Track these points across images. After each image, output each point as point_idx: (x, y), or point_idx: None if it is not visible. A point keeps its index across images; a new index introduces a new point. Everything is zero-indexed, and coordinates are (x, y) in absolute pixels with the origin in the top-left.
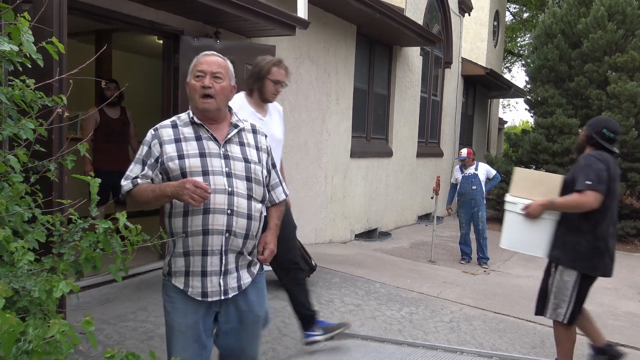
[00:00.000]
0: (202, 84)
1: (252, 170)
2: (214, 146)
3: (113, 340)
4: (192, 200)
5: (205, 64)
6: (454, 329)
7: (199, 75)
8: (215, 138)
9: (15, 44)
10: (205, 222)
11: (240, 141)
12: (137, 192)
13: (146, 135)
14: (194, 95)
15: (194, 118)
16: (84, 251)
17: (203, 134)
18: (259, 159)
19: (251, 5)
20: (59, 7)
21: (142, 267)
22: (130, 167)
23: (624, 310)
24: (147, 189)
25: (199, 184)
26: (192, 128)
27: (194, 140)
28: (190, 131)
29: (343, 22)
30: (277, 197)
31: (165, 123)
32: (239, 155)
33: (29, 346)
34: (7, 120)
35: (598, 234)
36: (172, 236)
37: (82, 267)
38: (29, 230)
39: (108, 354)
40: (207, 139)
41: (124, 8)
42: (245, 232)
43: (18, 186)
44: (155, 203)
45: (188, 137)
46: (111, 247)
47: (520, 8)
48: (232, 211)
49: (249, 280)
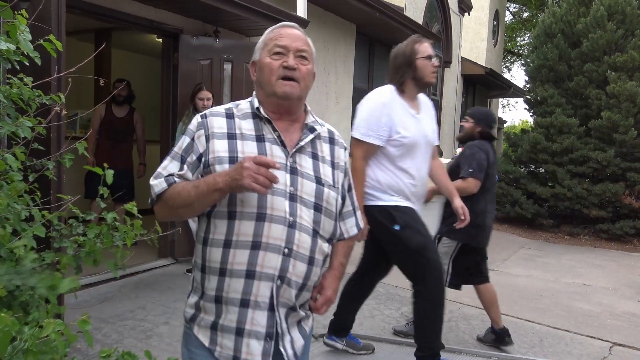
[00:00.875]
0: (284, 63)
1: (324, 197)
2: (279, 153)
3: (111, 339)
4: (255, 185)
5: (287, 38)
6: (452, 329)
7: (278, 52)
8: (283, 142)
9: (13, 42)
10: (252, 260)
11: (313, 152)
12: (174, 194)
13: (190, 122)
14: (269, 77)
15: (259, 109)
16: (87, 243)
17: (267, 133)
18: (334, 180)
19: (251, 4)
20: (57, 5)
21: (141, 266)
22: (163, 164)
23: (623, 310)
24: (187, 187)
25: (262, 160)
26: (254, 123)
27: (253, 141)
28: (250, 126)
29: (343, 21)
30: (348, 230)
31: (218, 110)
32: (310, 172)
33: (24, 345)
34: (5, 119)
35: (477, 210)
36: (204, 271)
37: (83, 261)
38: (26, 228)
39: (104, 353)
40: (272, 141)
41: (123, 7)
42: (303, 282)
43: (17, 185)
44: (198, 205)
45: (246, 134)
46: (112, 241)
47: (520, 8)
48: (289, 250)
49: (301, 344)
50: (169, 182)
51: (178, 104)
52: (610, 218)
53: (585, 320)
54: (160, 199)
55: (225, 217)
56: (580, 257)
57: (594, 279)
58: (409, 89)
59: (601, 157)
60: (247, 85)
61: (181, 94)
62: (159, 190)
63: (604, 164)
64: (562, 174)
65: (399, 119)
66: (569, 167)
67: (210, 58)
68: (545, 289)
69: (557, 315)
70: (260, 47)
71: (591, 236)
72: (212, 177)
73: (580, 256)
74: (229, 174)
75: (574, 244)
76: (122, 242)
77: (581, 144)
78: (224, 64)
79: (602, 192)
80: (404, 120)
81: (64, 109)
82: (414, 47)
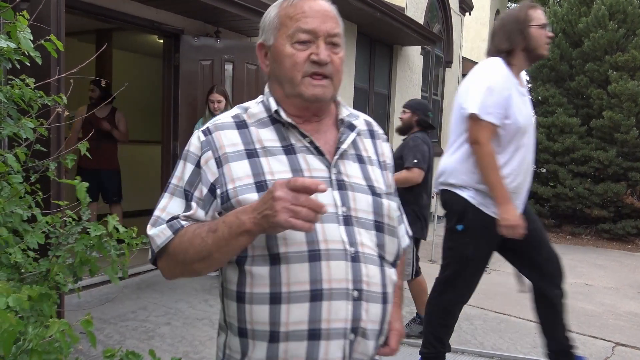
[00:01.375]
0: (313, 56)
1: (384, 211)
2: (318, 165)
3: (113, 340)
4: (296, 221)
5: (314, 18)
6: (455, 329)
7: (305, 41)
8: (319, 149)
9: (13, 42)
10: (314, 316)
11: (357, 154)
12: (183, 244)
13: (189, 142)
14: (291, 74)
15: (279, 112)
16: (79, 254)
17: (296, 141)
18: (386, 184)
19: (252, 4)
20: (56, 5)
21: (143, 266)
22: (161, 204)
23: (625, 310)
24: (201, 232)
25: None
26: (275, 130)
27: (282, 154)
28: (271, 136)
29: (344, 22)
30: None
31: (224, 120)
32: (361, 181)
33: (28, 345)
34: (7, 120)
35: (420, 203)
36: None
37: (77, 271)
38: (28, 229)
39: (108, 353)
40: (305, 150)
41: (124, 7)
42: (380, 327)
43: (17, 186)
44: (220, 255)
45: (270, 147)
46: (107, 251)
47: None
48: (359, 292)
49: None
50: (174, 229)
51: (179, 104)
52: (612, 218)
53: (588, 320)
54: (165, 253)
55: (265, 263)
56: (582, 257)
57: (596, 279)
58: (518, 61)
59: (603, 157)
60: (248, 86)
61: (182, 95)
62: (162, 242)
63: (605, 164)
64: (564, 173)
65: (515, 100)
66: (571, 166)
67: (212, 58)
68: None
69: None
70: (274, 27)
71: (593, 236)
72: (235, 215)
73: (582, 256)
74: (257, 208)
75: (575, 244)
76: (118, 252)
77: (583, 143)
78: (225, 65)
79: (604, 192)
80: (517, 100)
81: (65, 110)
82: (528, 13)
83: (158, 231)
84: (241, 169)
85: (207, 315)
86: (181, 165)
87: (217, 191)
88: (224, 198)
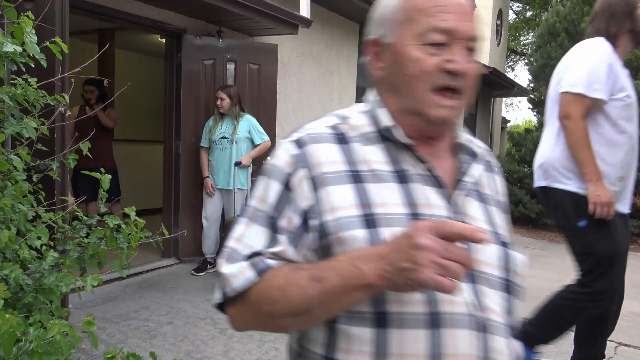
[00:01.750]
0: (447, 64)
1: (512, 265)
2: (436, 199)
3: (115, 339)
4: (445, 281)
5: (455, 14)
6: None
7: (438, 44)
8: (438, 179)
9: (18, 43)
10: None
11: (478, 190)
12: (270, 291)
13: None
14: (415, 85)
15: (394, 130)
16: (90, 246)
17: (409, 166)
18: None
19: (254, 4)
20: (61, 5)
21: (144, 265)
22: (237, 231)
23: (627, 310)
24: (298, 280)
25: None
26: (385, 149)
27: (393, 181)
28: (380, 156)
29: (346, 21)
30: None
31: (319, 130)
32: (485, 225)
33: (29, 346)
34: (10, 119)
35: None
36: None
37: (87, 264)
38: (31, 229)
39: (109, 355)
40: (420, 179)
41: (126, 7)
42: None
43: (21, 185)
44: (322, 311)
45: (379, 170)
46: (116, 243)
47: (523, 7)
48: None
49: None
50: (258, 270)
51: (181, 104)
52: None
53: None
54: (243, 299)
55: (368, 324)
56: None
57: None
58: (623, 44)
59: None
60: (250, 86)
61: (184, 94)
62: (242, 285)
63: None
64: None
65: (622, 76)
66: None
67: (214, 58)
68: (549, 289)
69: None
70: (396, 21)
71: None
72: (350, 261)
73: None
74: (386, 256)
75: None
76: (127, 243)
77: None
78: (227, 64)
79: None
80: (624, 78)
81: (67, 109)
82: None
83: (237, 270)
84: (343, 195)
85: (209, 314)
86: (263, 184)
87: (312, 222)
88: (322, 233)
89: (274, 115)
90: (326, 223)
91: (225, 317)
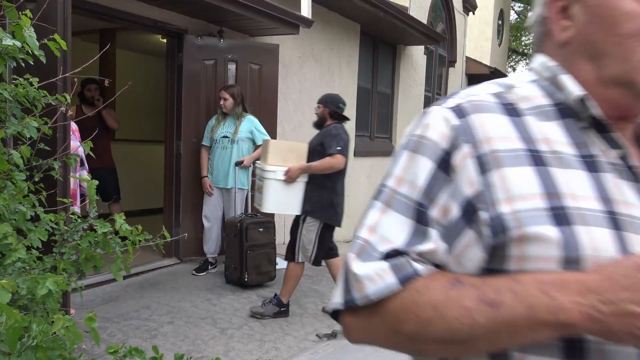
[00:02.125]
0: None
1: None
2: (632, 197)
3: (116, 339)
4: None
5: None
6: None
7: None
8: (633, 171)
9: (18, 40)
10: None
11: None
12: (420, 307)
13: (420, 123)
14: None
15: (584, 102)
16: (84, 251)
17: (598, 152)
18: None
19: (255, 4)
20: (63, 5)
21: (145, 265)
22: (370, 218)
23: None
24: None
25: None
26: (566, 127)
27: (580, 167)
28: (561, 135)
29: (347, 21)
30: None
31: (483, 98)
32: None
33: (33, 342)
34: (11, 119)
35: (337, 190)
36: None
37: (83, 267)
38: (32, 228)
39: (112, 349)
40: (613, 170)
41: (127, 7)
42: None
43: (21, 184)
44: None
45: (564, 153)
46: (111, 248)
47: (525, 7)
48: None
49: None
50: (403, 276)
51: (182, 104)
52: None
53: None
54: (373, 308)
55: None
56: None
57: None
58: None
59: None
60: (251, 86)
61: (185, 94)
62: (380, 292)
63: None
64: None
65: None
66: None
67: (215, 58)
68: None
69: None
70: None
71: None
72: (540, 287)
73: None
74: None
75: None
76: (122, 248)
77: None
78: (228, 64)
79: None
80: None
81: (69, 109)
82: None
83: (373, 272)
84: (525, 180)
85: (209, 314)
86: (406, 160)
87: (481, 215)
88: (496, 228)
89: (275, 115)
90: (503, 216)
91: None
